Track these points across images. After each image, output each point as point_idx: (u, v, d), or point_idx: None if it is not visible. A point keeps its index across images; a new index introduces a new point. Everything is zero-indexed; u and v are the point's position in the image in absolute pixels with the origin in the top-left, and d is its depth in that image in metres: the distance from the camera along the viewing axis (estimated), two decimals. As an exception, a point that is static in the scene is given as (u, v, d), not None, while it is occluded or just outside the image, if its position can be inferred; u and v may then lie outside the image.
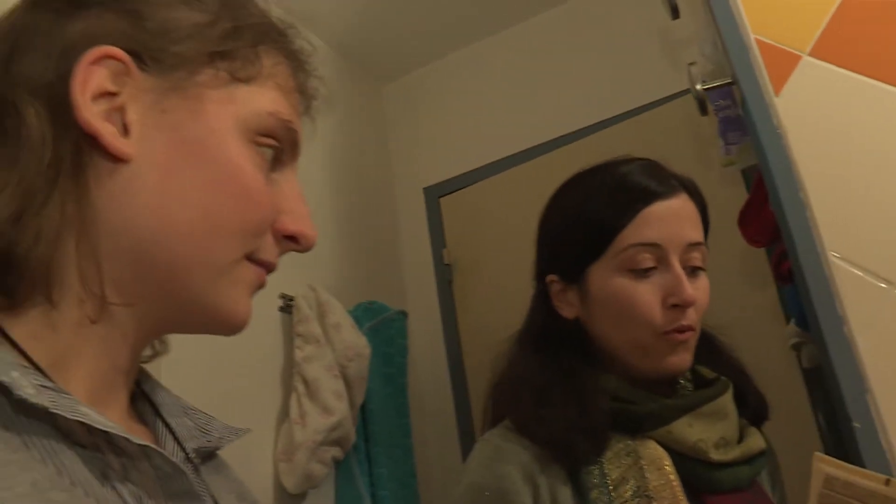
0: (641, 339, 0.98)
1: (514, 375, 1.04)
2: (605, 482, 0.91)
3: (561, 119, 2.32)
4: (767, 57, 1.13)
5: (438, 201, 2.53)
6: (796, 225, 1.04)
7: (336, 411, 1.72)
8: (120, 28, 0.52)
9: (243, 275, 0.55)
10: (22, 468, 0.41)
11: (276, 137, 0.57)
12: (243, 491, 0.65)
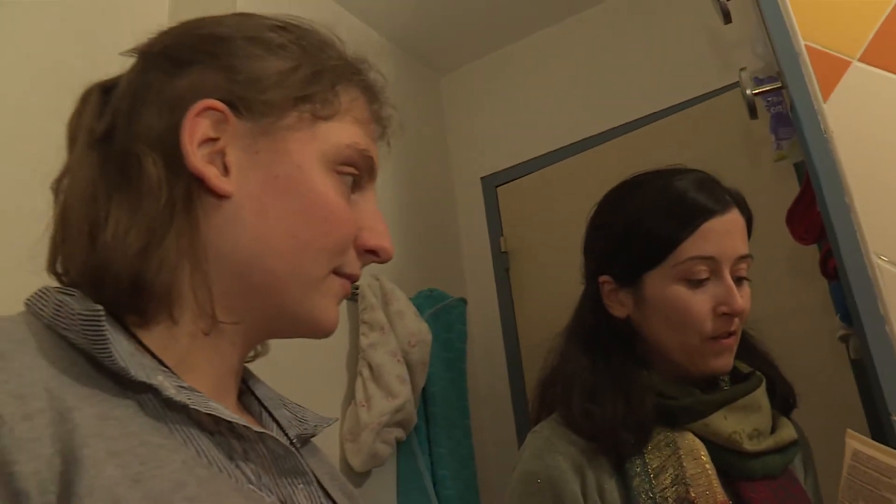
0: (690, 342, 1.05)
1: (564, 372, 1.12)
2: (647, 471, 0.99)
3: (615, 110, 2.34)
4: (817, 63, 1.17)
5: (496, 190, 2.59)
6: (841, 227, 1.08)
7: (399, 395, 1.81)
8: (217, 82, 0.61)
9: (331, 287, 0.64)
10: (172, 451, 0.51)
11: (354, 165, 0.65)
12: (334, 472, 0.75)
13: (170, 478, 0.49)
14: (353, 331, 1.95)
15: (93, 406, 0.48)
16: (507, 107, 2.63)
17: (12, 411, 0.44)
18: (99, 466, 0.45)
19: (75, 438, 0.45)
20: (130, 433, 0.49)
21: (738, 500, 1.01)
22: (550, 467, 1.03)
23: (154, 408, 0.53)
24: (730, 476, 1.02)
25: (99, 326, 0.51)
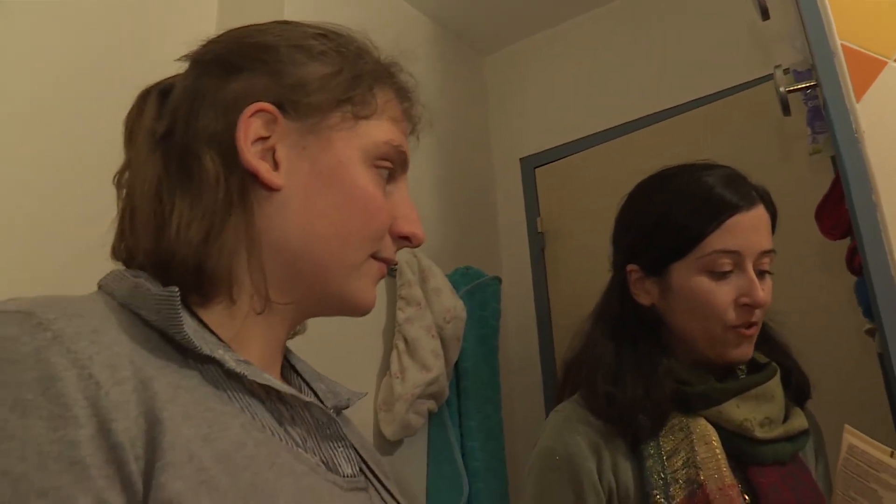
0: (712, 331, 1.10)
1: (589, 356, 1.17)
2: (660, 453, 1.05)
3: (654, 96, 2.36)
4: (852, 62, 1.18)
5: (534, 171, 2.62)
6: (866, 225, 1.11)
7: (433, 368, 1.87)
8: (266, 86, 0.68)
9: (369, 270, 0.71)
10: (232, 416, 0.58)
11: (390, 160, 0.72)
12: (364, 442, 0.83)
13: (232, 439, 0.55)
14: (391, 305, 2.02)
15: (166, 376, 0.55)
16: (548, 89, 2.66)
17: (107, 378, 0.50)
18: (177, 427, 0.52)
19: (156, 403, 0.52)
20: (198, 400, 0.56)
21: (748, 485, 1.06)
22: (569, 445, 1.09)
23: (214, 378, 0.60)
24: (741, 461, 1.07)
25: (174, 306, 0.58)
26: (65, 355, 0.49)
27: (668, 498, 1.02)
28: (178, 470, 0.50)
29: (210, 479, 0.51)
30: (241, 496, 0.52)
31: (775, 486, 1.07)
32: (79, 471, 0.46)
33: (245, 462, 0.55)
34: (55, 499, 0.45)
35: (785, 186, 1.91)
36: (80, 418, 0.48)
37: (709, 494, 1.00)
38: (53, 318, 0.51)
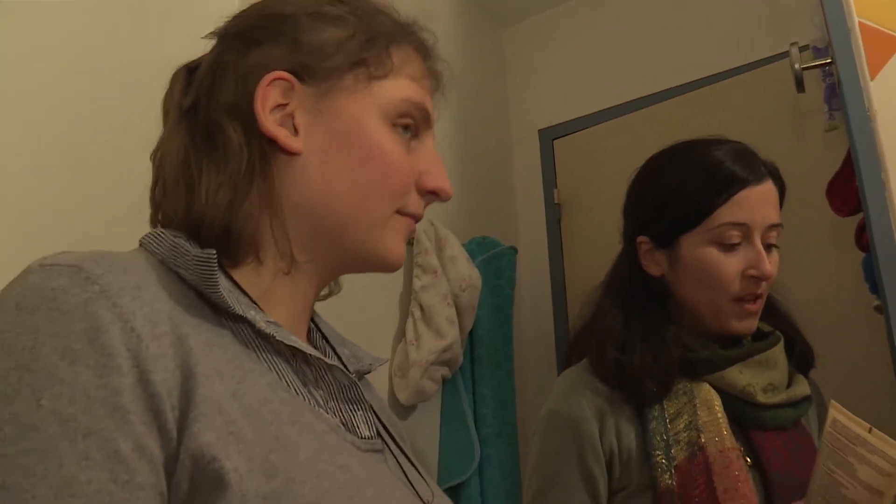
0: (718, 301, 1.14)
1: (599, 325, 1.21)
2: (664, 416, 1.09)
3: (673, 70, 2.36)
4: (868, 40, 1.19)
5: (552, 143, 2.64)
6: (874, 203, 1.13)
7: (448, 335, 1.91)
8: (283, 55, 0.70)
9: (395, 225, 0.73)
10: (260, 374, 0.61)
11: (410, 116, 0.73)
12: (382, 404, 0.86)
13: (259, 395, 0.59)
14: (408, 273, 2.05)
15: (200, 334, 0.59)
16: (567, 61, 2.66)
17: (147, 332, 0.54)
18: (209, 381, 0.55)
19: (191, 358, 0.55)
20: (228, 358, 0.59)
21: (750, 448, 1.10)
22: (573, 408, 1.13)
23: (245, 337, 0.63)
24: (743, 425, 1.11)
25: (211, 267, 0.61)
26: (110, 309, 0.53)
27: (669, 458, 1.06)
28: (210, 421, 0.53)
29: (238, 431, 0.55)
30: (266, 448, 0.55)
31: (776, 451, 1.10)
32: (120, 416, 0.50)
33: (270, 417, 0.58)
34: (98, 439, 0.49)
35: (798, 163, 1.92)
36: (122, 368, 0.51)
37: (709, 456, 1.04)
38: (101, 273, 0.55)
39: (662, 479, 1.05)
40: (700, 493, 1.02)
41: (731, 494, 1.01)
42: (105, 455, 0.49)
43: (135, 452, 0.50)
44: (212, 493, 0.52)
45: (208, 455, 0.52)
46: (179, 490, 0.52)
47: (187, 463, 0.52)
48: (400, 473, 0.71)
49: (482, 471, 1.99)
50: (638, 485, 1.09)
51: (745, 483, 1.02)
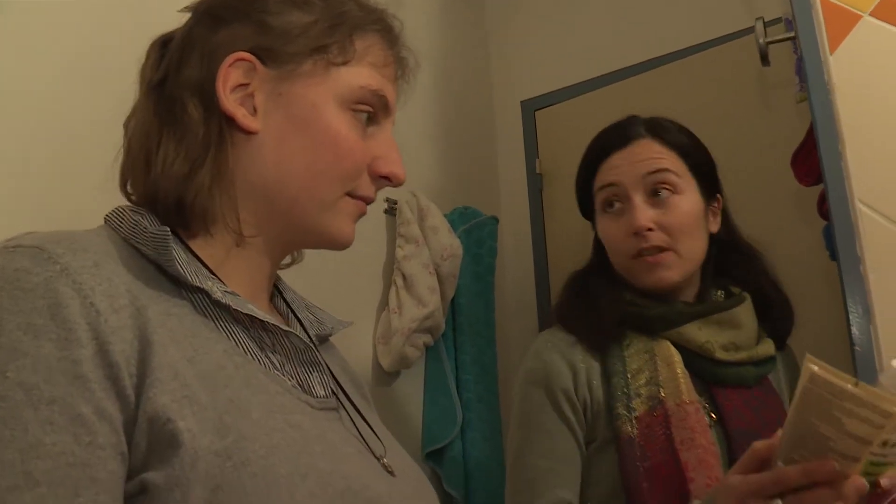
0: (623, 263, 1.24)
1: (568, 291, 1.30)
2: (626, 371, 1.15)
3: (652, 42, 2.37)
4: (829, 15, 1.23)
5: (534, 114, 2.66)
6: (831, 173, 1.18)
7: (429, 303, 1.95)
8: (248, 35, 0.74)
9: (345, 207, 0.77)
10: (216, 341, 0.66)
11: (368, 103, 0.76)
12: (345, 365, 0.92)
13: (214, 361, 0.63)
14: (391, 243, 2.09)
15: (158, 304, 0.63)
16: (548, 33, 2.67)
17: (106, 306, 0.58)
18: (165, 349, 0.60)
19: (148, 328, 0.60)
20: (186, 326, 0.64)
21: (713, 404, 1.16)
22: (547, 363, 1.20)
23: (203, 306, 0.68)
24: (706, 381, 1.17)
25: (166, 243, 0.65)
26: (70, 286, 0.57)
27: (629, 411, 1.12)
28: (165, 385, 0.58)
29: (192, 395, 0.59)
30: (219, 410, 0.60)
31: (738, 408, 1.16)
32: (81, 384, 0.54)
33: (224, 381, 0.62)
34: (61, 405, 0.53)
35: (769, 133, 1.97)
36: (82, 340, 0.55)
37: (667, 409, 1.10)
38: (61, 253, 0.59)
39: (624, 430, 1.12)
40: (659, 443, 1.09)
41: (688, 445, 1.07)
42: (68, 419, 0.53)
43: (95, 416, 0.54)
44: (167, 451, 0.56)
45: (163, 417, 0.56)
46: (138, 450, 0.56)
47: (144, 425, 0.56)
48: (354, 430, 0.75)
49: (464, 435, 2.04)
50: (604, 438, 1.15)
51: (702, 434, 1.08)
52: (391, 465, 0.75)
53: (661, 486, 1.07)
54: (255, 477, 0.58)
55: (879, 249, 1.13)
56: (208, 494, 0.55)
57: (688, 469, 1.06)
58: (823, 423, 0.77)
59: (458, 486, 1.99)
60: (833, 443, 0.77)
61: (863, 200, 1.15)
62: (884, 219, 1.13)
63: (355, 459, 0.70)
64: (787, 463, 0.83)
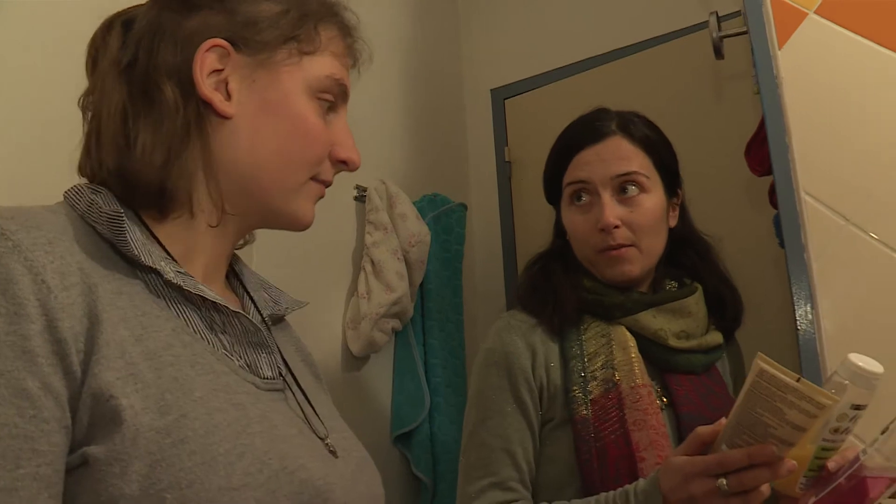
0: (587, 255, 1.28)
1: (530, 274, 1.35)
2: (583, 354, 1.19)
3: (618, 33, 2.42)
4: (777, 11, 1.27)
5: (504, 103, 2.70)
6: (778, 163, 1.22)
7: (397, 289, 1.99)
8: (220, 23, 0.76)
9: (309, 190, 0.81)
10: (166, 320, 0.68)
11: (331, 92, 0.80)
12: (299, 344, 0.94)
13: (162, 340, 0.66)
14: (360, 230, 2.11)
15: (110, 283, 0.65)
16: (519, 22, 2.70)
17: (57, 283, 0.60)
18: (113, 327, 0.62)
19: (98, 306, 0.62)
20: (136, 305, 0.66)
21: (665, 389, 1.21)
22: (507, 344, 1.24)
23: (156, 286, 0.70)
24: (659, 367, 1.22)
25: (120, 224, 0.68)
26: (22, 262, 0.59)
27: (585, 393, 1.17)
28: (111, 363, 0.60)
29: (137, 373, 0.61)
30: (162, 388, 0.62)
31: (688, 393, 1.21)
32: (28, 358, 0.56)
33: (170, 360, 0.65)
34: (8, 378, 0.55)
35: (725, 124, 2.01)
36: (31, 316, 0.57)
37: (621, 392, 1.15)
38: (15, 230, 0.60)
39: (579, 411, 1.16)
40: (612, 424, 1.13)
41: (640, 425, 1.12)
42: (12, 392, 0.55)
43: (41, 390, 0.56)
44: (109, 427, 0.58)
45: (107, 393, 0.59)
46: (81, 424, 0.59)
47: (88, 401, 0.59)
48: (299, 411, 0.78)
49: (432, 418, 2.08)
50: (561, 418, 1.20)
51: (653, 416, 1.13)
52: (334, 446, 0.77)
53: (613, 465, 1.11)
54: (193, 454, 0.60)
55: (823, 239, 1.18)
56: (147, 469, 0.58)
57: (639, 449, 1.11)
58: (767, 413, 0.85)
59: (425, 468, 2.04)
60: (773, 430, 0.86)
61: (808, 191, 1.19)
62: (827, 209, 1.18)
63: (295, 440, 0.72)
64: (730, 447, 0.91)
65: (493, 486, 1.17)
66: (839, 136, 1.21)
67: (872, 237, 1.15)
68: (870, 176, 1.17)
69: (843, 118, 1.21)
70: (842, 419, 0.86)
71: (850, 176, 1.18)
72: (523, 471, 1.19)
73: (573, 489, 1.15)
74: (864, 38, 1.21)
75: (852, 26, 1.22)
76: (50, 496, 0.56)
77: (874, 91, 1.19)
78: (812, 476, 0.92)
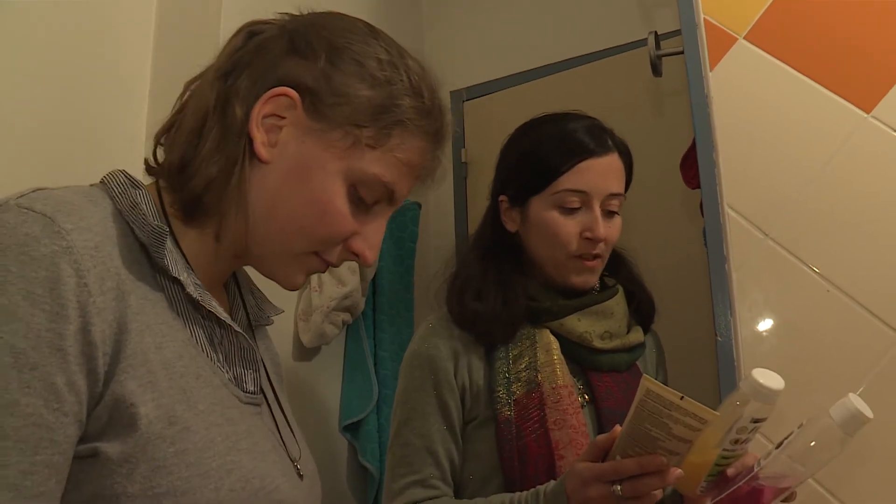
0: (558, 258, 1.30)
1: (461, 275, 1.36)
2: (508, 356, 1.25)
3: (574, 42, 2.48)
4: (710, 35, 1.35)
5: (462, 105, 2.75)
6: (706, 178, 1.30)
7: (348, 283, 2.03)
8: (307, 77, 0.76)
9: (306, 262, 0.80)
10: (178, 330, 0.72)
11: (373, 190, 0.79)
12: (276, 358, 0.98)
13: (175, 350, 0.70)
14: (315, 224, 2.15)
15: (140, 290, 0.69)
16: (481, 25, 2.76)
17: (97, 288, 0.63)
18: (140, 335, 0.67)
19: (128, 314, 0.66)
20: (157, 313, 0.70)
21: (588, 388, 1.27)
22: (430, 348, 1.30)
23: (175, 296, 0.74)
24: (583, 367, 1.28)
25: (163, 240, 0.71)
26: (71, 265, 0.62)
27: (509, 393, 1.23)
28: (134, 371, 0.65)
29: (155, 381, 0.66)
30: (173, 399, 0.67)
31: (610, 390, 1.28)
32: (61, 356, 0.60)
33: (181, 371, 0.70)
34: (41, 373, 0.59)
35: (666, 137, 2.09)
36: (70, 317, 0.61)
37: (543, 392, 1.21)
38: (70, 230, 0.64)
39: (502, 411, 1.22)
40: (534, 423, 1.19)
41: (560, 424, 1.18)
42: (43, 386, 0.60)
43: (66, 387, 0.61)
44: (125, 430, 0.64)
45: (129, 400, 0.64)
46: (99, 421, 0.64)
47: (110, 403, 0.64)
48: (273, 426, 0.83)
49: (379, 409, 2.13)
50: (484, 417, 1.26)
51: (573, 415, 1.19)
52: (303, 470, 0.83)
53: (532, 463, 1.18)
54: (190, 466, 0.66)
55: (744, 251, 1.26)
56: (149, 472, 0.63)
57: (558, 448, 1.17)
58: (654, 428, 0.93)
59: (372, 458, 2.09)
60: (661, 442, 0.95)
61: (731, 205, 1.27)
62: (749, 223, 1.26)
63: (272, 457, 0.77)
64: (623, 457, 1.00)
65: (415, 483, 1.23)
66: (763, 154, 1.29)
67: (789, 252, 1.23)
68: (789, 194, 1.25)
69: (767, 138, 1.29)
70: (741, 431, 0.94)
71: (771, 193, 1.26)
72: (444, 469, 1.24)
73: (495, 485, 1.21)
74: (787, 66, 1.29)
75: (777, 53, 1.30)
76: (57, 482, 0.61)
77: (795, 114, 1.28)
78: (712, 480, 1.00)
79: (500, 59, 2.67)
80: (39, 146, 1.34)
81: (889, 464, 1.12)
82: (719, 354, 1.23)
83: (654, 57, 1.44)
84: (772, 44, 1.30)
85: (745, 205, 1.27)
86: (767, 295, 1.24)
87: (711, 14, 1.35)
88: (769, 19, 1.31)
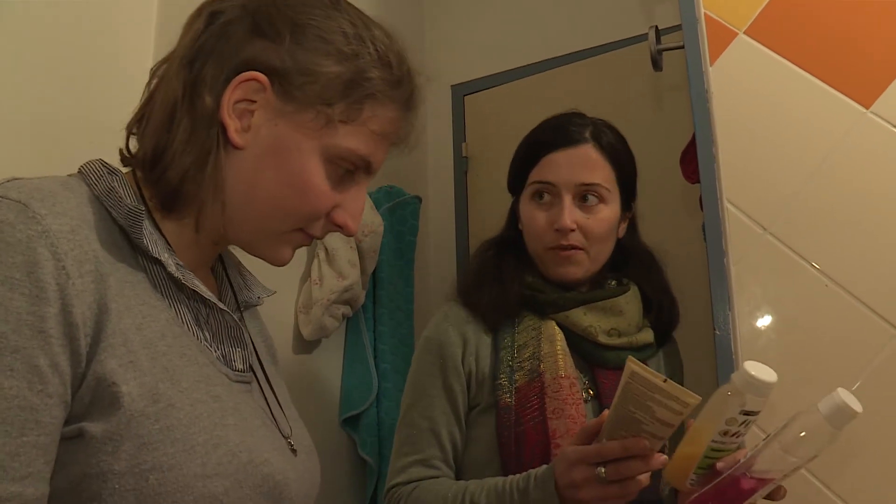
0: (537, 250, 1.35)
1: (473, 266, 1.43)
2: (514, 345, 1.27)
3: (577, 36, 2.49)
4: (711, 30, 1.35)
5: (463, 99, 2.76)
6: (705, 172, 1.30)
7: (349, 276, 2.04)
8: (273, 59, 0.76)
9: (291, 238, 0.82)
10: (161, 310, 0.73)
11: (351, 163, 0.79)
12: (262, 328, 1.00)
13: (158, 329, 0.71)
14: (315, 217, 2.16)
15: (119, 271, 0.70)
16: (483, 20, 2.77)
17: (75, 271, 0.64)
18: (119, 316, 0.67)
19: (107, 295, 0.67)
20: (138, 294, 0.71)
21: (594, 383, 1.29)
22: (441, 334, 1.33)
23: (156, 277, 0.75)
24: (589, 363, 1.30)
25: (140, 220, 0.72)
26: (48, 248, 0.63)
27: (511, 381, 1.25)
28: (114, 350, 0.66)
29: (136, 361, 0.67)
30: (156, 377, 0.68)
31: (614, 387, 1.28)
32: (43, 338, 0.61)
33: (163, 349, 0.70)
34: (23, 355, 0.60)
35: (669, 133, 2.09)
36: (50, 299, 0.62)
37: (544, 382, 1.23)
38: (44, 214, 0.64)
39: (503, 398, 1.24)
40: (532, 412, 1.21)
41: (559, 414, 1.20)
42: (26, 368, 0.60)
43: (50, 368, 0.62)
44: (108, 409, 0.64)
45: (110, 379, 0.65)
46: (82, 402, 0.65)
47: (92, 383, 0.65)
48: (263, 404, 0.84)
49: (379, 402, 2.15)
50: (487, 403, 1.28)
51: (573, 406, 1.21)
52: (296, 445, 0.84)
53: (529, 450, 1.20)
54: (176, 442, 0.67)
55: (742, 245, 1.26)
56: (134, 450, 0.64)
57: (555, 436, 1.19)
58: (639, 411, 0.95)
59: (371, 451, 2.10)
60: (645, 426, 0.96)
61: (730, 200, 1.28)
62: (748, 218, 1.26)
63: (261, 432, 0.77)
64: (609, 440, 1.01)
65: (418, 462, 1.26)
66: (762, 149, 1.29)
67: (788, 247, 1.23)
68: (789, 189, 1.25)
69: (767, 133, 1.29)
70: (732, 423, 0.94)
71: (770, 188, 1.27)
72: (447, 451, 1.27)
73: (493, 469, 1.23)
74: (787, 61, 1.29)
75: (777, 49, 1.30)
76: (45, 462, 0.62)
77: (795, 110, 1.28)
78: (702, 473, 1.00)
79: (501, 53, 2.68)
80: (40, 142, 1.35)
81: (885, 457, 1.13)
82: (718, 348, 1.24)
83: (655, 52, 1.45)
84: (772, 39, 1.30)
85: (745, 200, 1.28)
86: (766, 289, 1.25)
87: (712, 9, 1.35)
88: (769, 15, 1.31)
